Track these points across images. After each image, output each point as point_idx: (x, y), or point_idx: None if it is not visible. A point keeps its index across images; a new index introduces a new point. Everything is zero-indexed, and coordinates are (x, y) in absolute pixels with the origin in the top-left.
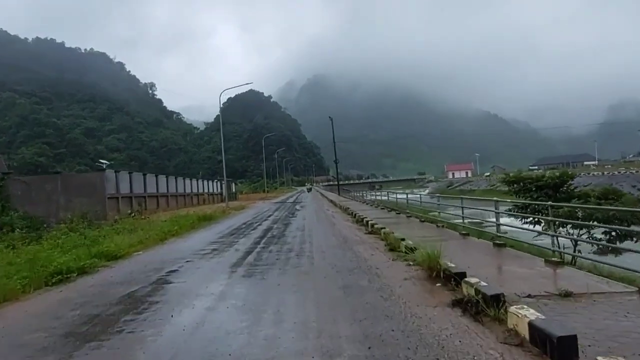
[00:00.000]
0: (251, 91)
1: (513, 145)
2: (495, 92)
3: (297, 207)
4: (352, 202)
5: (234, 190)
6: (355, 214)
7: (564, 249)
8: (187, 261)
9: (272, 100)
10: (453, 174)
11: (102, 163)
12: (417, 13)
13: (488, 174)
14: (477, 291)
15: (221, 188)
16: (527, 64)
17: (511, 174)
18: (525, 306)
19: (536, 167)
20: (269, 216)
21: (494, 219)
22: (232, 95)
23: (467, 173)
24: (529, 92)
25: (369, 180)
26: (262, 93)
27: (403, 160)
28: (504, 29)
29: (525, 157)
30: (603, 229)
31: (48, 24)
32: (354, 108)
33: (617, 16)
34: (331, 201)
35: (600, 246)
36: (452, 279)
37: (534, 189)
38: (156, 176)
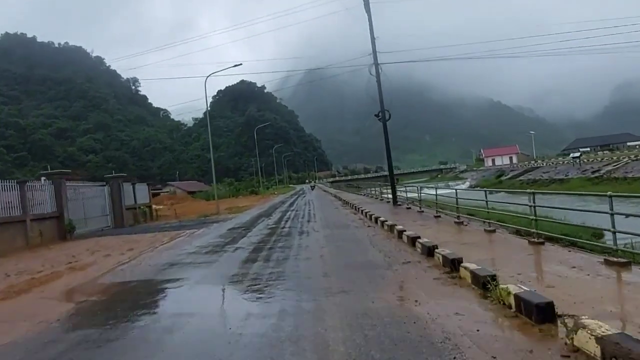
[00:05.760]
0: (243, 82)
1: (519, 131)
2: (496, 78)
3: None
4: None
5: (137, 201)
6: None
7: None
8: None
9: (266, 90)
10: (493, 160)
11: None
12: None
13: (578, 154)
14: None
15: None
16: (530, 49)
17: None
18: None
19: (587, 148)
20: None
21: None
22: (222, 87)
23: (511, 159)
24: (531, 77)
25: (383, 173)
26: (255, 83)
27: (408, 151)
28: (502, 15)
29: (534, 144)
30: None
31: (18, 19)
32: (354, 99)
33: None
34: (405, 238)
35: None
36: None
37: None
38: None
